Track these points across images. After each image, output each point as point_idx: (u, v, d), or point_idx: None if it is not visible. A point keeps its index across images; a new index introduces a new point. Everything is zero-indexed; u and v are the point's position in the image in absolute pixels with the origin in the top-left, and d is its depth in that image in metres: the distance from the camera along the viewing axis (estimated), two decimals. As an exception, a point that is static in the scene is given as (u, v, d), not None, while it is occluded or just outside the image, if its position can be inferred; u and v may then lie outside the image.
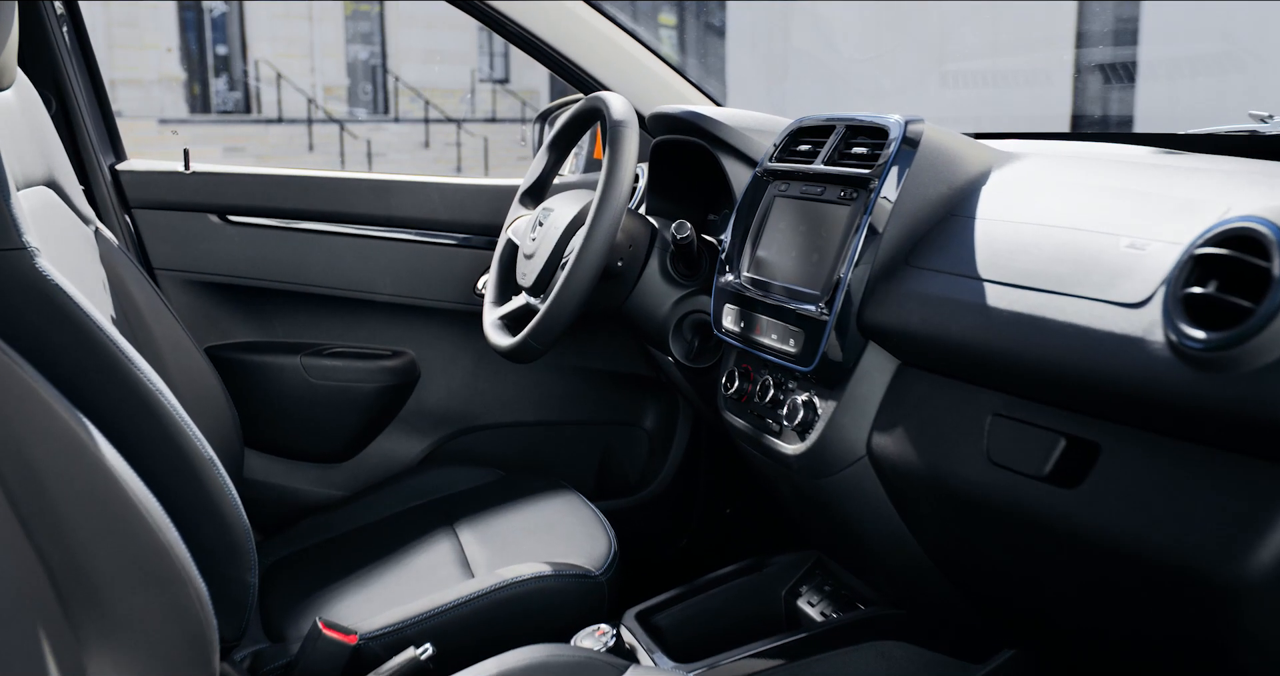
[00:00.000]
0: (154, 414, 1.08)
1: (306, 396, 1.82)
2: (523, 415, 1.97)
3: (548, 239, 1.47)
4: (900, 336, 1.11)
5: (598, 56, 1.79)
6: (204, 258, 1.85)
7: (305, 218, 1.86)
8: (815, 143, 1.31)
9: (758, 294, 1.29)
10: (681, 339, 1.50)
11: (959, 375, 1.05)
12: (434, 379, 1.93)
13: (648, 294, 1.49)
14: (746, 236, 1.36)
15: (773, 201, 1.34)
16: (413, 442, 1.92)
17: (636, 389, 2.01)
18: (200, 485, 1.12)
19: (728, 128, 1.50)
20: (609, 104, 1.42)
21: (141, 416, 1.08)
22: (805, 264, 1.23)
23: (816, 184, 1.26)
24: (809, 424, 1.20)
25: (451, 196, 1.88)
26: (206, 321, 1.86)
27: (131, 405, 1.07)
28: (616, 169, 1.35)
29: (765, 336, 1.26)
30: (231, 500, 1.14)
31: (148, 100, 14.74)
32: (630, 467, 2.03)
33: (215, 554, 1.12)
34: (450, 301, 1.89)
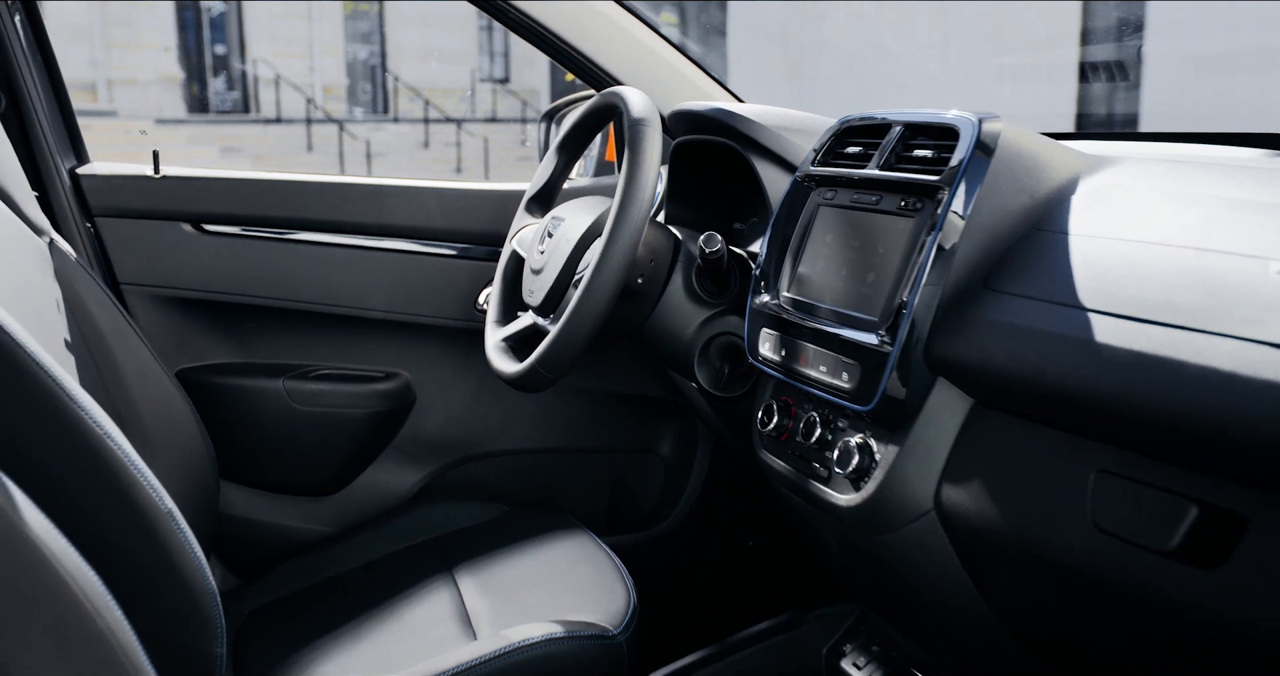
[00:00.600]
0: (100, 462, 0.92)
1: (290, 424, 1.66)
2: (528, 442, 1.81)
3: (558, 252, 1.30)
4: (979, 373, 0.94)
5: (610, 49, 1.63)
6: (176, 271, 1.68)
7: (289, 226, 1.69)
8: (866, 144, 1.14)
9: (801, 318, 1.12)
10: (709, 364, 1.33)
11: (1054, 422, 0.88)
12: (431, 403, 1.76)
13: (671, 314, 1.32)
14: (786, 251, 1.20)
15: (816, 211, 1.17)
16: (407, 473, 1.76)
17: (651, 412, 1.85)
18: (157, 544, 0.96)
19: (761, 127, 1.34)
20: (627, 100, 1.26)
21: (85, 466, 0.92)
22: (858, 284, 1.07)
23: (870, 191, 1.09)
24: (865, 471, 1.04)
25: (450, 202, 1.71)
26: (178, 342, 1.70)
27: (72, 452, 0.91)
28: (638, 173, 1.18)
29: (812, 368, 1.09)
30: (194, 562, 0.98)
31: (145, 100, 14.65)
32: (645, 498, 1.87)
33: (176, 622, 0.96)
34: (449, 318, 1.72)
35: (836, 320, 1.07)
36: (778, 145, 1.33)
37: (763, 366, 1.19)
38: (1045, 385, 0.86)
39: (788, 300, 1.17)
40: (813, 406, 1.14)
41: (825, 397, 1.08)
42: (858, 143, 1.16)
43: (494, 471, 1.81)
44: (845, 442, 1.06)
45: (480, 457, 1.80)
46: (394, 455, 1.76)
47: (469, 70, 17.38)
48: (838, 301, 1.09)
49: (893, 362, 0.98)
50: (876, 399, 0.99)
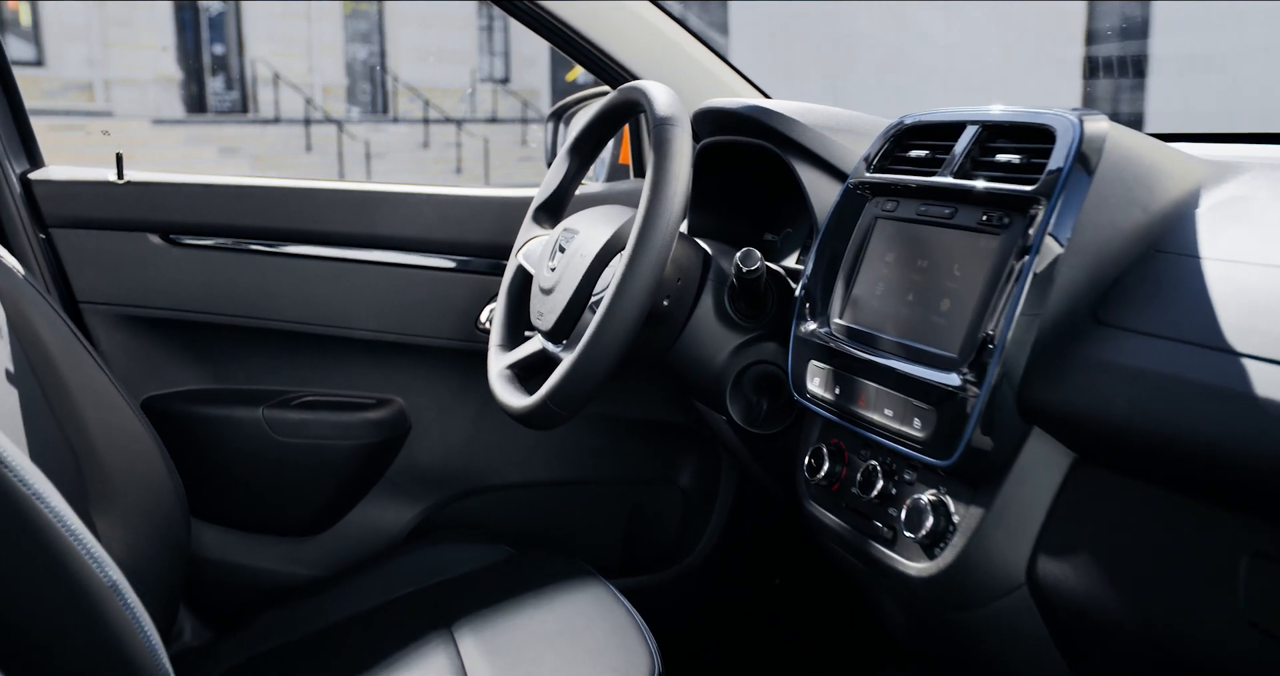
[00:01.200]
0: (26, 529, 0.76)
1: (270, 457, 1.50)
2: (534, 474, 1.64)
3: (572, 270, 1.14)
4: (1090, 425, 0.77)
5: (625, 41, 1.47)
6: (141, 288, 1.51)
7: (269, 237, 1.53)
8: (934, 147, 0.98)
9: (859, 349, 0.96)
10: (743, 397, 1.17)
11: (1189, 488, 0.72)
12: (427, 432, 1.60)
13: (700, 339, 1.16)
14: (836, 270, 1.04)
15: (873, 224, 1.01)
16: (401, 510, 1.60)
17: (670, 439, 1.69)
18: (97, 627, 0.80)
19: (803, 127, 1.18)
20: (651, 96, 1.09)
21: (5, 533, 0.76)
22: (929, 312, 0.90)
23: (942, 203, 0.93)
24: (940, 535, 0.87)
25: (448, 210, 1.55)
26: (145, 367, 1.53)
27: None
28: (667, 180, 1.02)
29: (874, 410, 0.92)
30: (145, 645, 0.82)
31: (143, 100, 14.56)
32: (663, 533, 1.71)
33: None
34: (447, 338, 1.56)
35: (904, 355, 0.91)
36: (822, 147, 1.17)
37: (811, 405, 1.02)
38: (1181, 444, 0.69)
39: (840, 328, 1.01)
40: (871, 452, 0.98)
41: (890, 446, 0.92)
42: (922, 145, 1.00)
43: (497, 507, 1.64)
44: (915, 500, 0.89)
45: (481, 492, 1.64)
46: (386, 490, 1.60)
47: (469, 70, 17.28)
48: (904, 332, 0.92)
49: (979, 409, 0.81)
50: (959, 452, 0.83)
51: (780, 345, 1.16)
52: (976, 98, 1.02)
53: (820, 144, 1.17)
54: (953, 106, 0.99)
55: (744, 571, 1.74)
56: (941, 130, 0.98)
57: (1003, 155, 0.89)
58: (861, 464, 0.98)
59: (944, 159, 0.95)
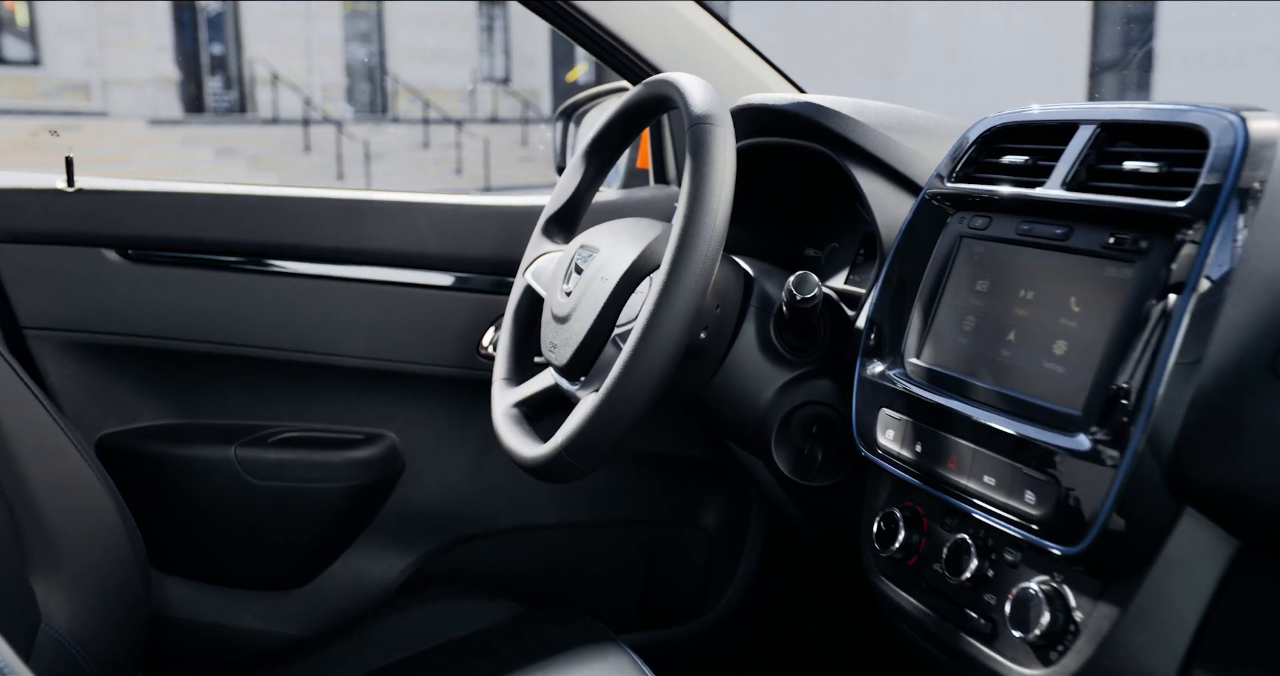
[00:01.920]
0: None
1: (244, 501, 1.33)
2: (542, 516, 1.47)
3: (592, 296, 0.97)
4: (1261, 506, 0.60)
5: (646, 30, 1.30)
6: (96, 310, 1.33)
7: (243, 252, 1.35)
8: (1036, 152, 0.81)
9: (946, 398, 0.79)
10: (790, 443, 1.00)
11: None
12: (423, 470, 1.43)
13: (741, 376, 1.00)
14: (911, 299, 0.87)
15: (958, 245, 0.84)
16: (393, 560, 1.42)
17: (694, 476, 1.52)
18: None
19: (864, 127, 1.01)
20: (686, 90, 0.92)
21: None
22: (1040, 356, 0.73)
23: (1052, 220, 0.75)
24: (1059, 637, 0.70)
25: (446, 221, 1.37)
26: (100, 401, 1.36)
27: None
28: (708, 189, 0.85)
29: (969, 476, 0.75)
30: None
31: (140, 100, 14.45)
32: (685, 581, 1.54)
33: None
34: (445, 365, 1.39)
35: (1008, 408, 0.74)
36: (887, 151, 0.99)
37: (884, 464, 0.85)
38: None
39: (919, 371, 0.83)
40: (958, 523, 0.81)
41: (992, 522, 0.74)
42: (1019, 149, 0.82)
43: (500, 554, 1.47)
44: (1023, 590, 0.72)
45: (483, 537, 1.46)
46: (377, 537, 1.42)
47: (469, 70, 17.17)
48: (1006, 380, 0.75)
49: (1118, 484, 0.64)
50: (1090, 537, 0.65)
51: (835, 383, 0.99)
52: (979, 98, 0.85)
53: (884, 147, 1.00)
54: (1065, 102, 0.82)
55: (774, 621, 1.57)
56: (1044, 131, 0.81)
57: (1131, 163, 0.72)
58: (947, 536, 0.81)
59: (1049, 166, 0.78)
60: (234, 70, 15.98)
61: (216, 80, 16.07)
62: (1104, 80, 10.22)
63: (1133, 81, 10.20)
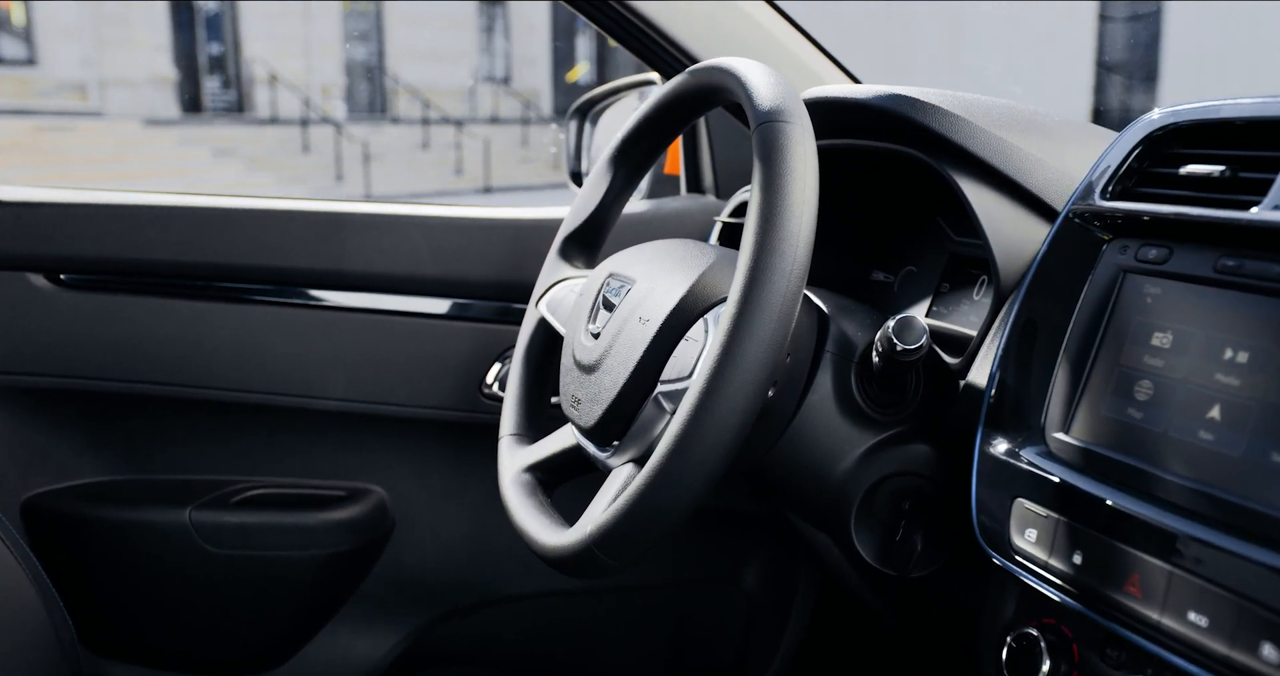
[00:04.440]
0: None
1: (201, 574, 1.14)
2: (554, 581, 1.28)
3: (628, 340, 0.77)
4: None
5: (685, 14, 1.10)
6: (21, 346, 1.14)
7: (199, 275, 1.15)
8: (1236, 160, 0.60)
9: (1118, 495, 0.58)
10: (875, 522, 0.80)
11: None
12: (416, 530, 1.24)
13: (814, 439, 0.80)
14: (1054, 353, 0.66)
15: (1120, 282, 0.64)
16: (380, 636, 1.24)
17: (732, 528, 1.33)
18: None
19: (971, 126, 0.81)
20: (749, 80, 0.73)
21: None
22: (1268, 446, 0.53)
23: (1271, 257, 0.55)
24: None
25: (444, 236, 1.18)
26: (26, 454, 1.17)
27: None
28: (786, 204, 0.66)
29: (1162, 609, 0.55)
30: None
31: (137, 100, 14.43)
32: (721, 650, 1.34)
33: None
34: (441, 408, 1.20)
35: (1220, 517, 0.53)
36: (1001, 157, 0.79)
37: (1024, 574, 0.65)
38: None
39: (1068, 451, 0.63)
40: (1129, 657, 0.60)
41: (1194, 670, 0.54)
42: (1212, 156, 0.62)
43: (506, 626, 1.28)
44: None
45: (486, 606, 1.27)
46: (362, 609, 1.24)
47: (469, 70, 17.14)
48: (1212, 476, 0.55)
49: None
50: None
51: (933, 449, 0.78)
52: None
53: (997, 151, 0.79)
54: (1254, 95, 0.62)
55: None
56: (1249, 132, 0.61)
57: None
58: (1111, 673, 0.60)
59: (1264, 180, 0.57)
60: (232, 70, 16.14)
61: (214, 80, 16.25)
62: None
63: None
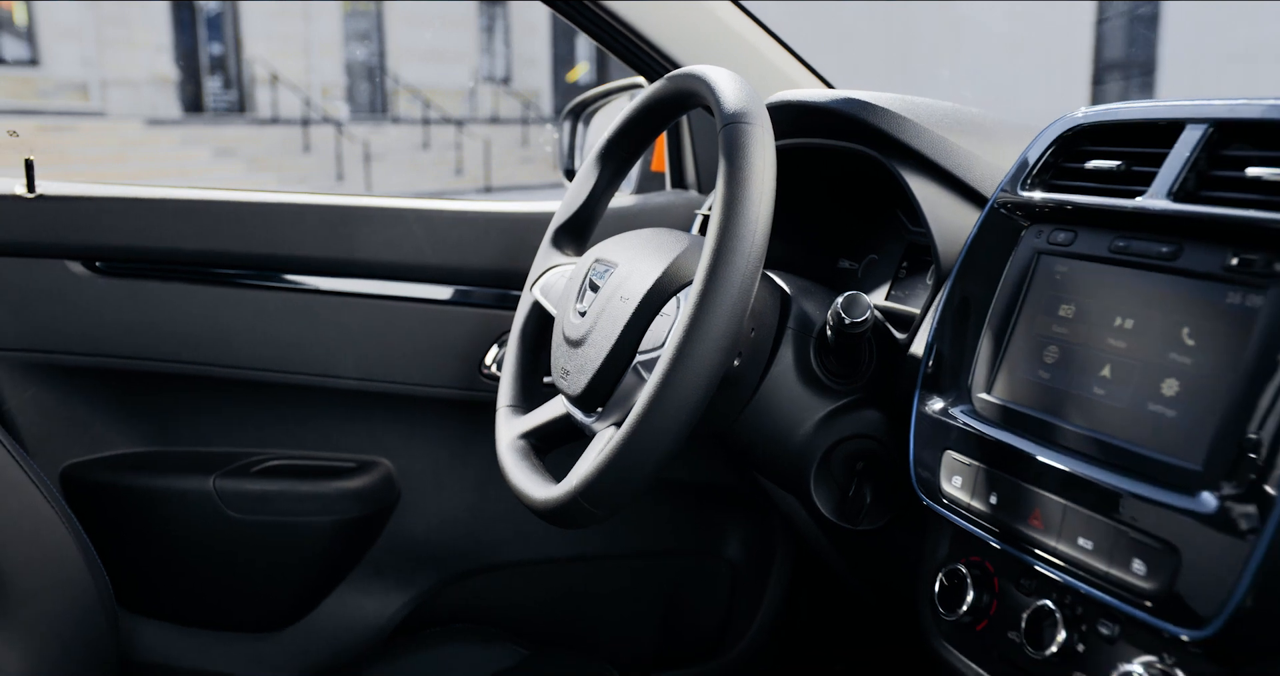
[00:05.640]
0: None
1: (224, 538, 1.22)
2: (551, 548, 1.36)
3: (611, 317, 0.86)
4: None
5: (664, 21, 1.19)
6: (59, 328, 1.22)
7: (222, 264, 1.24)
8: (1130, 156, 0.70)
9: (1027, 443, 0.68)
10: (832, 481, 0.90)
11: None
12: (420, 500, 1.32)
13: (777, 406, 0.90)
14: (979, 324, 0.76)
15: (1035, 263, 0.73)
16: (387, 598, 1.32)
17: (715, 503, 1.41)
18: None
19: (917, 126, 0.90)
20: (717, 85, 0.82)
21: None
22: (1144, 397, 0.62)
23: (1155, 237, 0.65)
24: (1172, 733, 0.59)
25: (446, 229, 1.26)
26: (64, 428, 1.25)
27: None
28: (746, 197, 0.75)
29: (1059, 537, 0.64)
30: None
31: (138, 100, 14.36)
32: (707, 617, 1.43)
33: None
34: (444, 387, 1.28)
35: (1106, 459, 0.63)
36: (943, 154, 0.89)
37: (950, 515, 0.74)
38: None
39: (990, 408, 0.73)
40: (1039, 586, 0.70)
41: (1089, 592, 0.63)
42: (1111, 153, 0.71)
43: (505, 591, 1.36)
44: (1125, 674, 0.61)
45: (487, 572, 1.36)
46: (370, 573, 1.32)
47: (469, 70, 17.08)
48: (1102, 424, 0.64)
49: (1260, 556, 0.53)
50: (1223, 618, 0.54)
51: (882, 414, 0.88)
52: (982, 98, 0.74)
53: (939, 149, 0.89)
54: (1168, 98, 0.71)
55: (803, 660, 1.46)
56: (1141, 132, 0.70)
57: (1255, 168, 0.61)
58: (1025, 601, 0.70)
59: (1149, 172, 0.67)
60: (233, 70, 15.94)
61: (215, 80, 16.03)
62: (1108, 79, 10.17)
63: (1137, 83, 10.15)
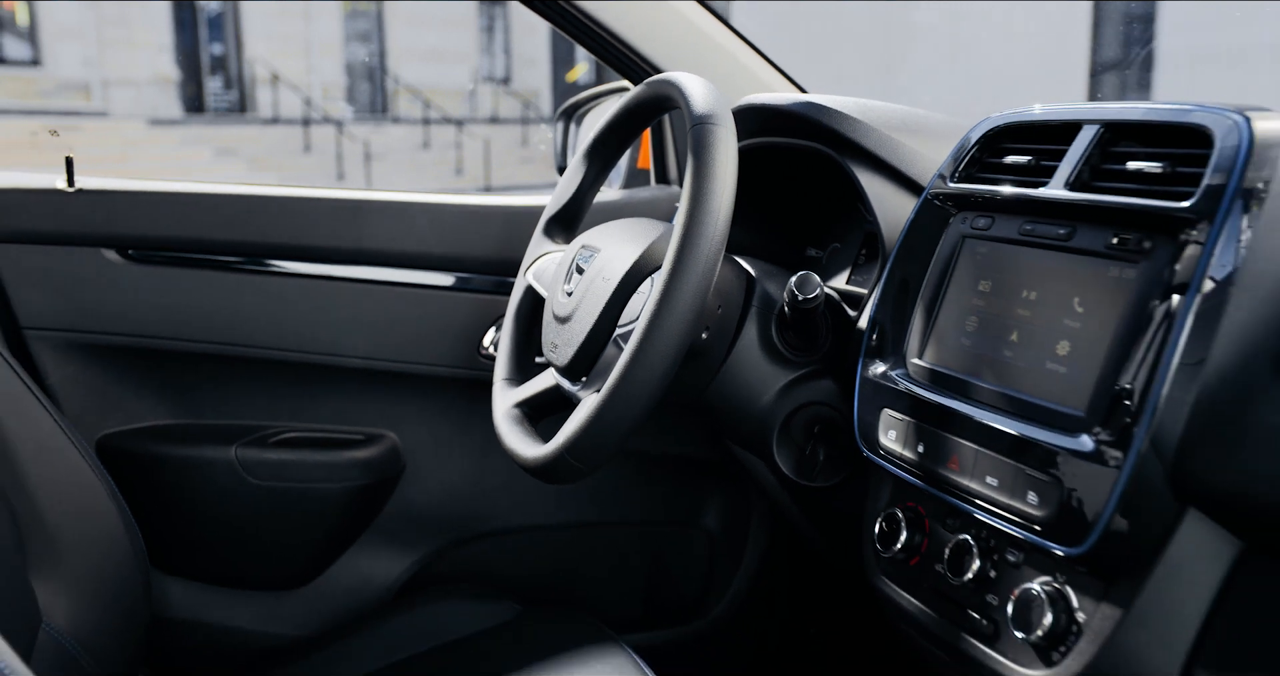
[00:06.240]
0: None
1: (245, 502, 1.33)
2: (543, 517, 1.47)
3: (593, 295, 0.97)
4: (1264, 508, 0.61)
5: (647, 29, 1.30)
6: (96, 310, 1.33)
7: (242, 252, 1.35)
8: (1039, 152, 0.81)
9: (949, 399, 0.79)
10: (792, 444, 1.00)
11: None
12: (424, 471, 1.43)
13: (742, 377, 1.00)
14: (913, 299, 0.87)
15: (960, 245, 0.84)
16: (394, 560, 1.42)
17: (695, 477, 1.52)
18: None
19: (866, 127, 1.01)
20: (687, 90, 0.92)
21: None
22: (1042, 357, 0.73)
23: (1054, 221, 0.76)
24: (1061, 637, 0.70)
25: (447, 221, 1.37)
26: (100, 402, 1.36)
27: None
28: (710, 189, 0.85)
29: (972, 477, 0.75)
30: None
31: (140, 100, 14.41)
32: (688, 582, 1.54)
33: None
34: (446, 365, 1.38)
35: (1010, 409, 0.74)
36: (889, 151, 0.99)
37: (886, 464, 0.85)
38: None
39: (921, 371, 0.84)
40: (961, 524, 0.81)
41: (993, 522, 0.74)
42: (1024, 150, 0.82)
43: (502, 554, 1.47)
44: (1025, 591, 0.72)
45: (485, 537, 1.46)
46: (378, 537, 1.42)
47: (469, 70, 17.13)
48: (1009, 380, 0.75)
49: (1121, 484, 0.64)
50: (1092, 538, 0.65)
51: (837, 384, 0.99)
52: (979, 98, 0.85)
53: (886, 147, 1.00)
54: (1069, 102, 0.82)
55: (777, 622, 1.57)
56: (1048, 131, 0.81)
57: (1135, 163, 0.72)
58: (949, 537, 0.81)
59: (1052, 166, 0.78)
60: (234, 70, 15.92)
61: (216, 80, 16.00)
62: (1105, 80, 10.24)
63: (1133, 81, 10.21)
